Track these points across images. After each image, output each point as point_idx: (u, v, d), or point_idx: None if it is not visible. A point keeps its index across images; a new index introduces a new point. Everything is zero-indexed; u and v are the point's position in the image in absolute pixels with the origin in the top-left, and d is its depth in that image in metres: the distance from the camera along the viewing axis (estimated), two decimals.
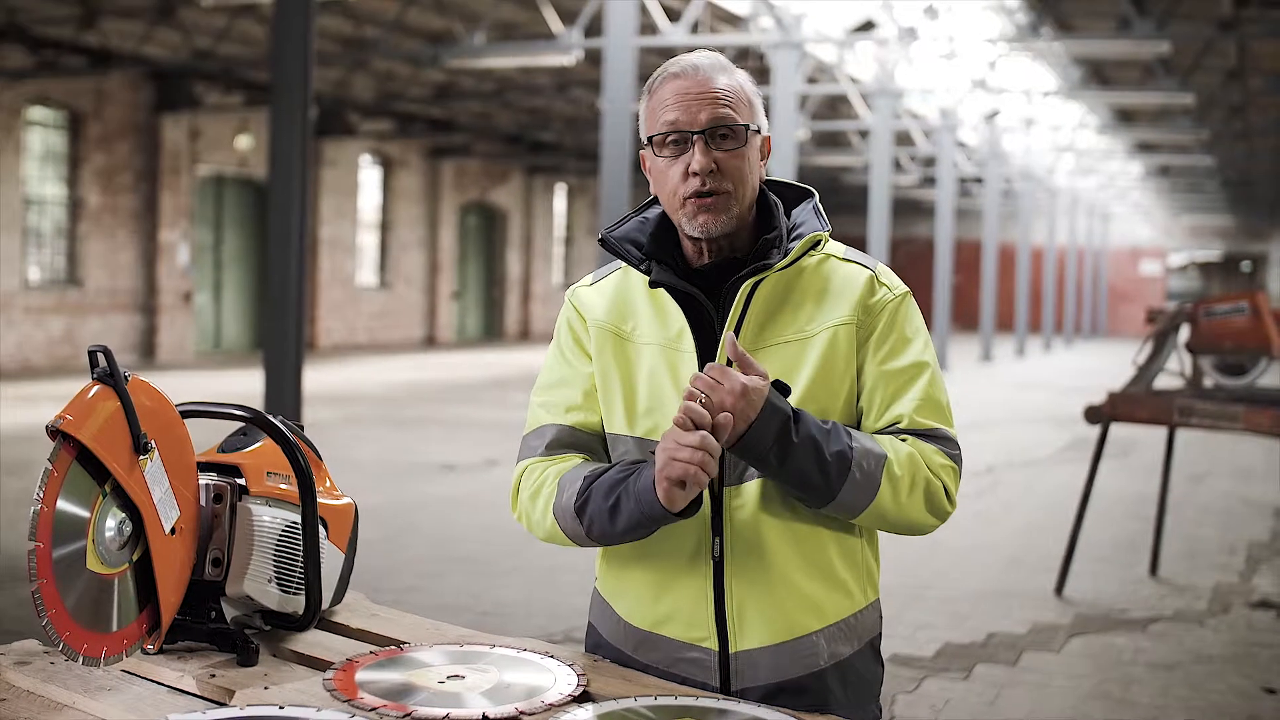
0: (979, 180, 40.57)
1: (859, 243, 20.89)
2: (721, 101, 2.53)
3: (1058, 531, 9.11)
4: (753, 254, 2.58)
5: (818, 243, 2.60)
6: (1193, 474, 14.12)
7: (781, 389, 2.45)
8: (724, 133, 2.53)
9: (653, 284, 2.59)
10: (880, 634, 2.72)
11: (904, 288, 2.65)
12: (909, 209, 49.93)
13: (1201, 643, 7.46)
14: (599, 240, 2.71)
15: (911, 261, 51.88)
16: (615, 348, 2.64)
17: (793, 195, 2.71)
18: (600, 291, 2.72)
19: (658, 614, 2.62)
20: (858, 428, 2.59)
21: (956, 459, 2.58)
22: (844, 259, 2.64)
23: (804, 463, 2.42)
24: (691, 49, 16.64)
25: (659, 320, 2.61)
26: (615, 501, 2.48)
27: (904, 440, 2.53)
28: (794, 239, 2.59)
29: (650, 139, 2.58)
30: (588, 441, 2.68)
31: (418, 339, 34.87)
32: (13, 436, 14.09)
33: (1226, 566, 9.55)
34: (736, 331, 2.53)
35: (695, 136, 2.52)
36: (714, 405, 2.35)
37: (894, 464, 2.48)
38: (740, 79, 2.60)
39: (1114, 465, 14.26)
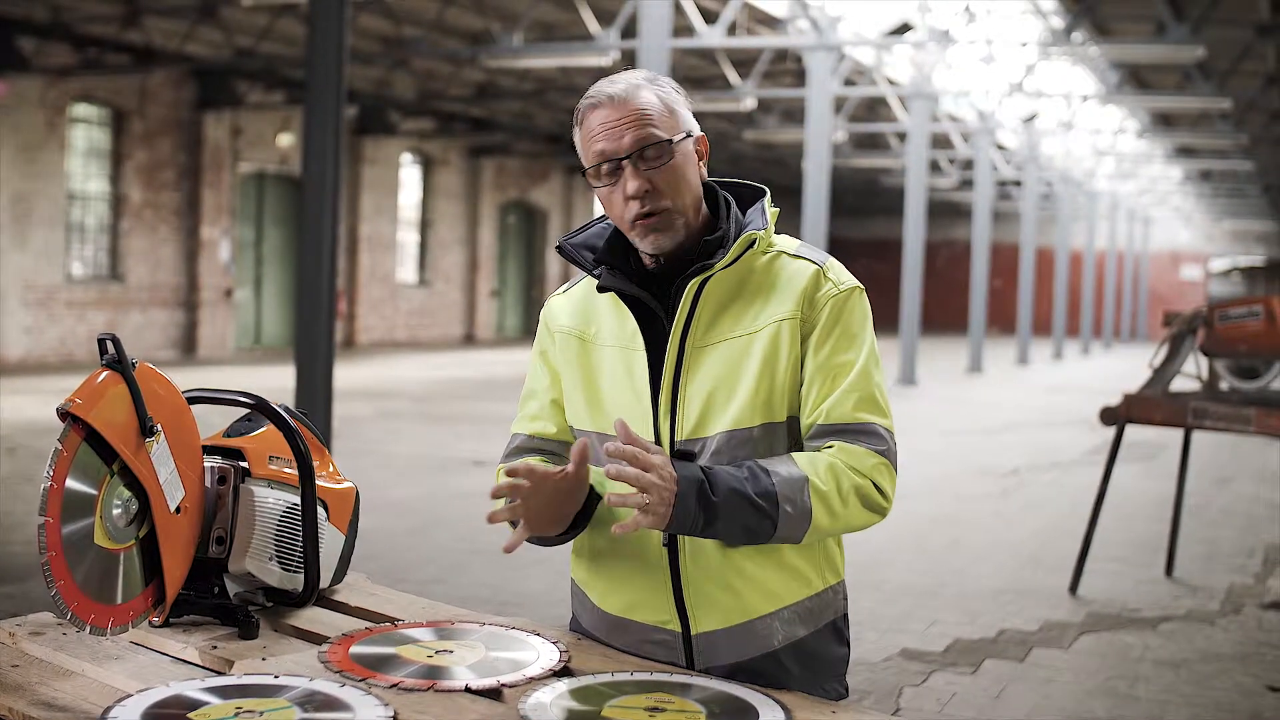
0: (1018, 183, 40.50)
1: (895, 245, 21.01)
2: (641, 122, 2.62)
3: (1077, 532, 9.19)
4: (698, 254, 2.68)
5: (753, 242, 2.66)
6: (1218, 477, 14.18)
7: (686, 457, 2.58)
8: (649, 152, 2.62)
9: (600, 289, 2.71)
10: (844, 615, 2.81)
11: (852, 282, 2.71)
12: (948, 212, 49.86)
13: (1211, 642, 7.55)
14: (556, 248, 2.84)
15: (950, 264, 51.86)
16: (579, 350, 2.77)
17: (749, 194, 2.80)
18: (569, 299, 2.85)
19: (626, 600, 2.75)
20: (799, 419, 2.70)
21: (888, 454, 2.62)
22: (795, 255, 2.72)
23: (736, 514, 2.50)
24: (728, 51, 16.74)
25: (617, 322, 2.72)
26: None
27: (829, 447, 2.60)
28: (740, 238, 2.68)
29: (586, 171, 2.68)
30: (545, 445, 2.85)
31: (457, 337, 35.05)
32: (53, 429, 14.28)
33: (1243, 568, 9.62)
34: (685, 329, 2.64)
35: (624, 162, 2.62)
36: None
37: (817, 482, 2.53)
38: (661, 92, 2.67)
39: (1140, 468, 14.33)
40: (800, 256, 2.72)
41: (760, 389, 2.62)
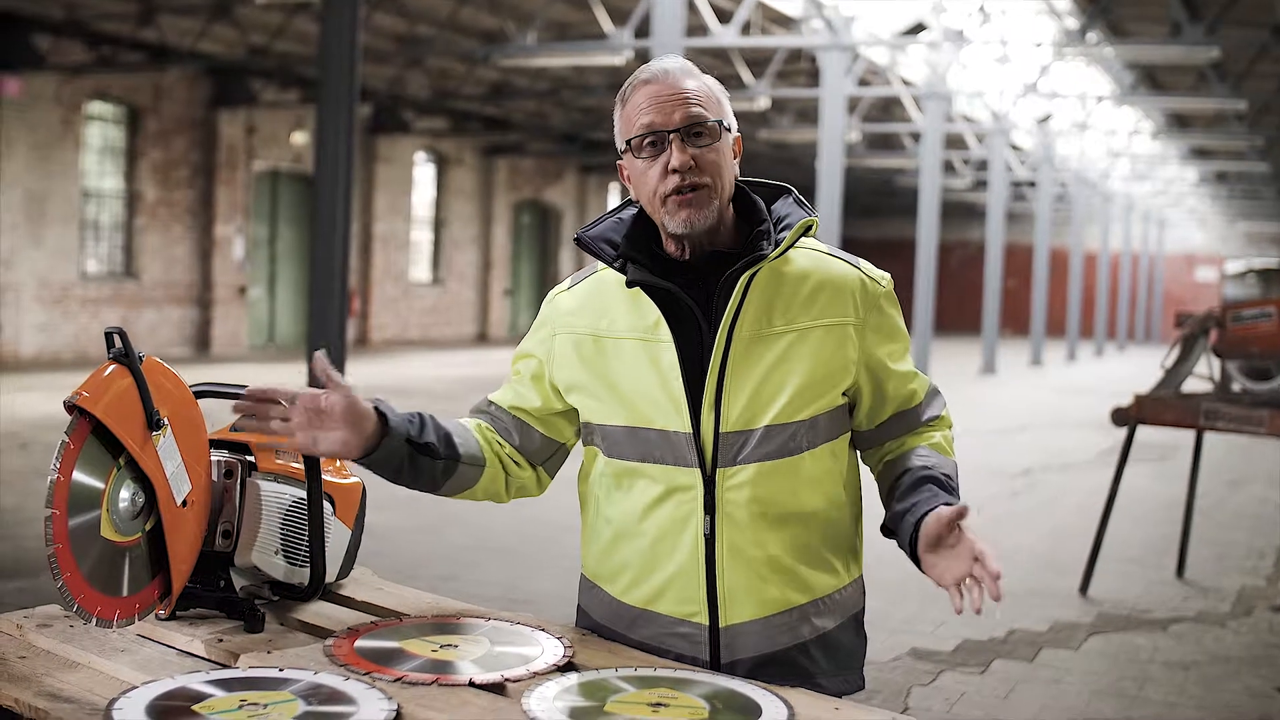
0: (1032, 184, 40.43)
1: (908, 246, 20.95)
2: (693, 101, 2.66)
3: (1088, 533, 9.17)
4: (746, 246, 2.70)
5: (809, 228, 2.73)
6: (1230, 479, 14.16)
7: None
8: (698, 130, 2.65)
9: (629, 284, 2.70)
10: (863, 608, 2.86)
11: (887, 275, 2.82)
12: (962, 212, 49.77)
13: (1220, 643, 7.54)
14: (575, 239, 2.84)
15: (964, 265, 51.79)
16: (594, 347, 2.76)
17: (769, 193, 2.83)
18: (575, 295, 2.85)
19: (651, 591, 2.75)
20: (850, 413, 2.79)
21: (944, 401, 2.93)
22: (829, 254, 2.78)
23: None
24: (742, 50, 16.76)
25: (635, 314, 2.72)
26: None
27: (937, 420, 2.86)
28: (781, 230, 2.71)
29: (629, 143, 2.70)
30: (496, 413, 2.90)
31: (470, 335, 35.08)
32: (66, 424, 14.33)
33: (1254, 570, 9.61)
34: (733, 323, 2.66)
35: (671, 135, 2.64)
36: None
37: (956, 462, 2.82)
38: (708, 81, 2.73)
39: (1152, 469, 14.31)
40: (835, 256, 2.79)
41: (808, 387, 2.67)
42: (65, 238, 23.37)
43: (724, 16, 19.81)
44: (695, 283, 2.70)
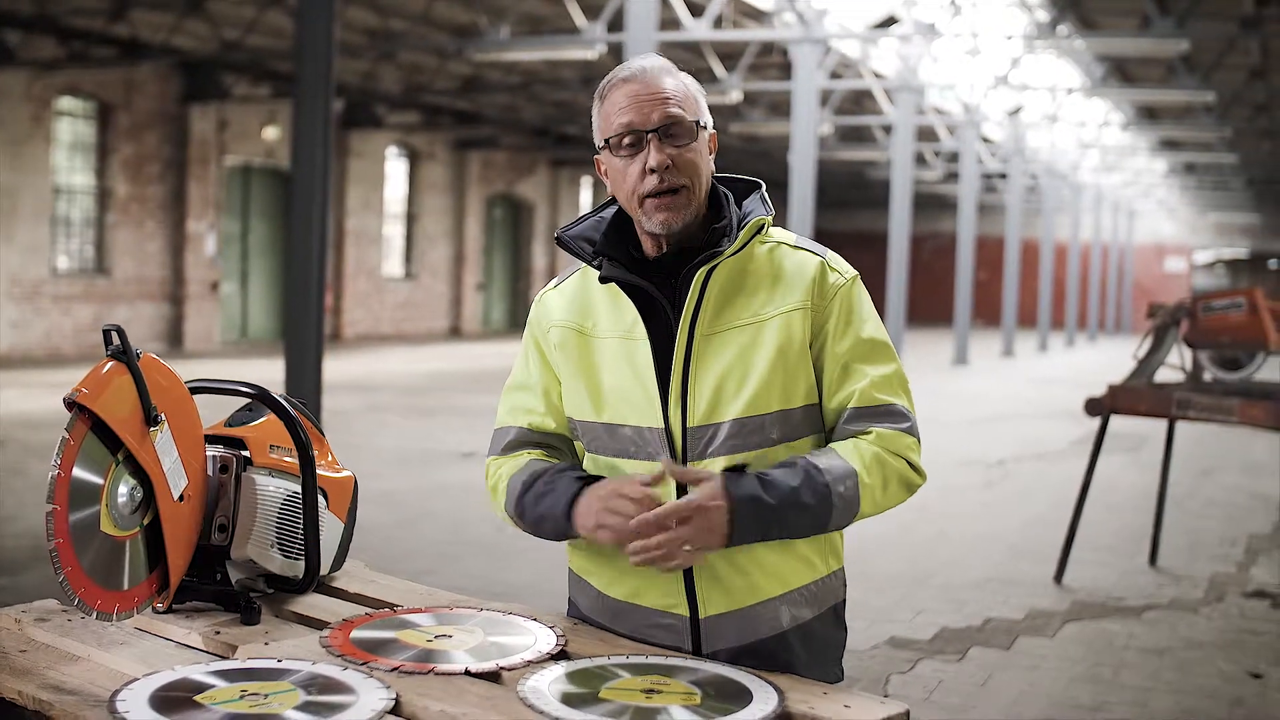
0: (1003, 176, 40.58)
1: (880, 238, 21.01)
2: (671, 101, 2.69)
3: (1062, 523, 9.25)
4: (705, 243, 2.73)
5: (761, 227, 2.74)
6: (1202, 468, 14.26)
7: (738, 470, 2.64)
8: (675, 130, 2.69)
9: (602, 279, 2.75)
10: (844, 600, 2.88)
11: (853, 271, 2.81)
12: (934, 204, 49.91)
13: (1194, 629, 7.62)
14: (555, 239, 2.89)
15: (935, 256, 51.92)
16: (578, 344, 2.80)
17: (743, 188, 2.86)
18: (562, 293, 2.89)
19: (632, 584, 2.78)
20: (820, 408, 2.77)
21: (913, 430, 2.74)
22: (795, 246, 2.79)
23: (793, 520, 2.61)
24: (714, 44, 16.75)
25: (615, 313, 2.77)
26: (539, 519, 2.77)
27: (869, 435, 2.70)
28: (743, 227, 2.74)
29: (607, 141, 2.74)
30: (543, 439, 2.89)
31: (443, 330, 35.05)
32: (41, 422, 14.33)
33: (1226, 557, 9.69)
34: (694, 318, 2.69)
35: (650, 135, 2.68)
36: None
37: (864, 474, 2.65)
38: (685, 79, 2.76)
39: (1125, 459, 14.41)
40: (800, 248, 2.79)
41: (774, 377, 2.68)
42: (36, 234, 23.29)
43: (696, 10, 19.84)
44: (668, 280, 2.74)
